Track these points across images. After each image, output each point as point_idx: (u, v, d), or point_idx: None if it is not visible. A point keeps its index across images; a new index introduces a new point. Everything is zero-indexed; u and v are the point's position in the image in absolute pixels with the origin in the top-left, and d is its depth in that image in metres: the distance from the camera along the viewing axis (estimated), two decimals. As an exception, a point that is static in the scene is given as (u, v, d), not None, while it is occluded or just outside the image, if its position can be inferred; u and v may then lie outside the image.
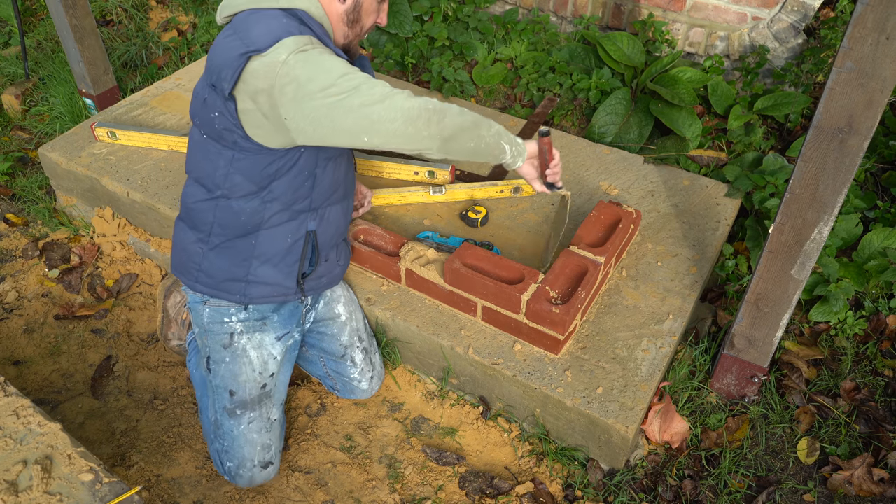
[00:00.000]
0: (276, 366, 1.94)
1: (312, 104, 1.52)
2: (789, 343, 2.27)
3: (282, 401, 1.99)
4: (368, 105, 1.52)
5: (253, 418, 1.90)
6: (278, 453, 1.96)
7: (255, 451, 1.90)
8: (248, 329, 1.91)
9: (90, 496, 1.57)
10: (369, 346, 2.15)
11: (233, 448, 1.90)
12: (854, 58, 1.47)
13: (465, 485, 2.02)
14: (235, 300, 1.87)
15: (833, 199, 1.67)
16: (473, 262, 2.07)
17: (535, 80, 3.09)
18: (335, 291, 2.10)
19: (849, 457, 2.02)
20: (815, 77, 2.93)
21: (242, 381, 1.90)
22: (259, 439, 1.90)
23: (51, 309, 2.50)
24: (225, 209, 1.78)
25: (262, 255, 1.83)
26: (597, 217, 2.21)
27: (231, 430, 1.90)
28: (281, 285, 1.88)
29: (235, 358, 1.90)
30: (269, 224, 1.80)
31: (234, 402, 1.90)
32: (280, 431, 1.97)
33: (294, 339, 2.02)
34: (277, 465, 1.96)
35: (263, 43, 1.54)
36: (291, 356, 2.02)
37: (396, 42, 3.31)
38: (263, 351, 1.92)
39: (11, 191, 2.93)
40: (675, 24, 3.11)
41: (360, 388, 2.15)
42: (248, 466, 1.90)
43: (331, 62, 1.54)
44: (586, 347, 2.04)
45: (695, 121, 2.75)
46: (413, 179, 2.54)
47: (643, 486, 1.99)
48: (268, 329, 1.93)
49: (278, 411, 1.97)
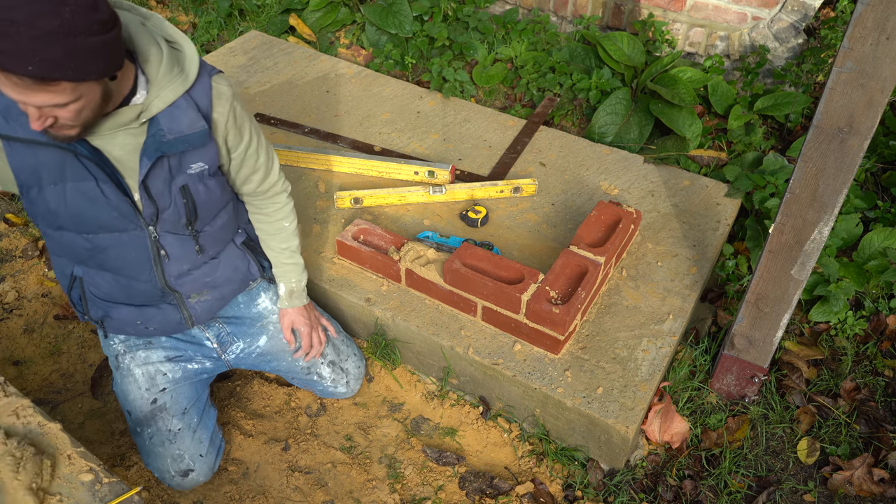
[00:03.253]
0: (167, 382, 1.89)
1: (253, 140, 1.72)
2: (789, 343, 2.27)
3: (184, 409, 1.89)
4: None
5: (151, 433, 1.87)
6: (199, 458, 1.89)
7: (166, 463, 1.88)
8: (130, 348, 1.88)
9: (90, 496, 1.57)
10: (336, 357, 2.10)
11: (149, 461, 1.90)
12: (854, 58, 1.47)
13: (465, 485, 2.02)
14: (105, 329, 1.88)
15: (833, 199, 1.67)
16: (473, 262, 2.07)
17: (535, 80, 3.09)
18: (279, 324, 2.02)
19: (849, 457, 2.02)
20: (815, 77, 2.93)
21: (132, 399, 1.87)
22: (165, 451, 1.87)
23: (51, 309, 2.50)
24: None
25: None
26: (597, 217, 2.21)
27: (141, 445, 1.90)
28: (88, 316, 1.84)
29: (123, 378, 1.89)
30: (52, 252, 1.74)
31: (132, 420, 1.89)
32: (193, 437, 1.89)
33: (202, 366, 1.95)
34: (204, 468, 1.91)
35: None
36: (196, 377, 1.95)
37: (396, 42, 3.31)
38: (149, 367, 1.88)
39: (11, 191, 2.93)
40: (676, 24, 3.11)
41: (337, 392, 2.14)
42: (167, 477, 1.89)
43: None
44: (586, 347, 2.04)
45: (695, 121, 2.75)
46: (413, 179, 2.54)
47: (643, 487, 1.99)
48: (154, 347, 1.89)
49: (180, 420, 1.88)
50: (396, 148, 2.70)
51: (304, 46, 3.27)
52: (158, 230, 1.64)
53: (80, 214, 1.55)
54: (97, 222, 1.57)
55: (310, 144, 2.71)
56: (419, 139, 2.74)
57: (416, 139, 2.74)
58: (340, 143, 2.72)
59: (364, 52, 3.39)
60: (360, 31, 3.44)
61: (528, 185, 2.48)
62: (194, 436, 1.90)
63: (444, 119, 2.84)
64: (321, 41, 3.41)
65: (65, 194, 1.51)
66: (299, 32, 3.42)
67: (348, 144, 2.71)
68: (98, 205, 1.54)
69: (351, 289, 2.22)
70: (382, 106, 2.90)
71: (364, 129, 2.79)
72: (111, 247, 1.63)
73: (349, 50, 3.41)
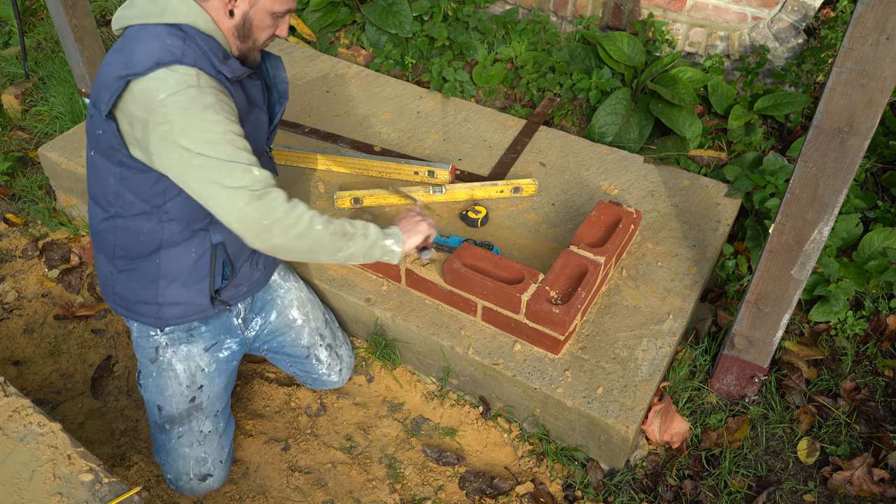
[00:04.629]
0: (204, 378, 1.90)
1: (177, 154, 1.50)
2: (789, 343, 2.27)
3: (216, 411, 1.93)
4: (218, 186, 1.50)
5: (182, 433, 1.87)
6: (219, 464, 1.92)
7: (188, 465, 1.88)
8: (174, 342, 1.87)
9: (90, 496, 1.57)
10: (333, 342, 2.15)
11: (168, 461, 1.90)
12: (854, 58, 1.47)
13: (465, 485, 2.02)
14: (152, 323, 1.83)
15: (833, 199, 1.67)
16: (473, 262, 2.07)
17: (535, 80, 3.09)
18: (286, 297, 2.06)
19: (849, 457, 2.02)
20: (815, 77, 2.93)
21: (168, 395, 1.87)
22: (191, 453, 1.88)
23: (51, 309, 2.50)
24: (123, 230, 1.71)
25: (167, 274, 1.76)
26: (597, 217, 2.21)
27: (164, 444, 1.89)
28: (194, 303, 1.81)
29: (161, 372, 1.87)
30: (170, 243, 1.72)
31: (162, 417, 1.88)
32: (219, 442, 1.92)
33: (230, 350, 1.97)
34: (221, 474, 1.93)
35: (143, 66, 1.48)
36: (227, 367, 1.96)
37: (396, 42, 3.31)
38: (191, 363, 1.88)
39: (11, 191, 2.93)
40: (676, 24, 3.11)
41: (330, 381, 2.17)
42: (184, 479, 1.89)
43: (209, 121, 1.49)
44: (586, 347, 2.04)
45: (695, 121, 2.75)
46: (413, 179, 2.54)
47: (643, 487, 1.99)
48: (195, 340, 1.89)
49: (212, 423, 1.91)
50: (396, 148, 2.70)
51: (304, 46, 3.27)
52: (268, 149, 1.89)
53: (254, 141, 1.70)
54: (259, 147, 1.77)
55: (310, 144, 2.71)
56: (419, 139, 2.74)
57: (416, 139, 2.74)
58: (340, 143, 2.72)
59: (364, 52, 3.39)
60: (360, 31, 3.44)
61: (528, 185, 2.48)
62: (220, 441, 1.93)
63: (444, 119, 2.84)
64: (321, 41, 3.41)
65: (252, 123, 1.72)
66: (299, 32, 3.42)
67: (348, 144, 2.71)
68: (261, 129, 1.78)
69: (351, 289, 2.22)
70: (382, 106, 2.90)
71: (364, 129, 2.79)
72: None
73: (349, 50, 3.41)
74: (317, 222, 1.61)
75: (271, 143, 1.92)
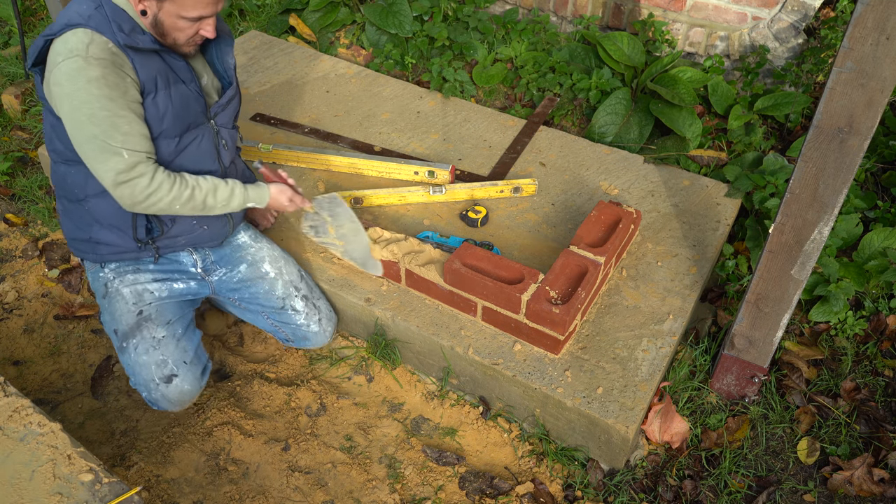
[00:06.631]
0: (152, 298, 1.99)
1: (65, 114, 1.69)
2: (789, 343, 2.27)
3: (168, 320, 1.98)
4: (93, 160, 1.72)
5: (136, 343, 1.94)
6: (182, 364, 1.96)
7: (150, 371, 1.93)
8: (120, 274, 1.99)
9: (90, 496, 1.57)
10: (309, 294, 2.18)
11: (134, 377, 1.96)
12: (854, 58, 1.47)
13: (465, 485, 2.02)
14: (92, 258, 1.98)
15: (833, 199, 1.67)
16: (473, 262, 2.07)
17: (535, 80, 3.09)
18: (257, 255, 2.15)
19: (849, 457, 2.02)
20: (815, 77, 2.93)
21: (118, 315, 1.97)
22: (150, 359, 1.93)
23: (51, 309, 2.50)
24: (62, 175, 1.89)
25: (98, 219, 1.92)
26: (597, 217, 2.21)
27: (126, 363, 1.96)
28: (121, 245, 1.95)
29: (112, 301, 1.98)
30: (95, 192, 1.86)
31: (118, 338, 1.96)
32: (177, 345, 1.96)
33: (187, 285, 2.07)
34: (189, 376, 1.96)
35: (57, 26, 1.66)
36: (181, 296, 2.05)
37: (396, 42, 3.31)
38: (137, 286, 1.98)
39: (11, 191, 2.93)
40: (675, 24, 3.11)
41: (310, 331, 2.17)
42: (151, 388, 1.94)
43: (92, 94, 1.65)
44: (586, 347, 2.04)
45: (695, 121, 2.75)
46: (413, 179, 2.54)
47: (643, 487, 1.99)
48: (142, 272, 2.00)
49: (165, 330, 1.96)
50: (396, 148, 2.70)
51: (304, 46, 3.27)
52: (217, 123, 1.97)
53: (179, 113, 1.82)
54: (188, 119, 1.86)
55: (310, 144, 2.71)
56: (419, 139, 2.74)
57: (416, 139, 2.74)
58: (340, 143, 2.72)
59: (364, 52, 3.39)
60: (360, 31, 3.44)
61: (528, 185, 2.48)
62: (178, 344, 1.97)
63: (444, 119, 2.84)
64: (321, 41, 3.41)
65: (170, 96, 1.80)
66: (299, 32, 3.42)
67: (348, 144, 2.71)
68: (190, 102, 1.85)
69: (351, 289, 2.22)
70: (382, 106, 2.90)
71: (364, 129, 2.79)
72: (192, 141, 1.89)
73: (349, 50, 3.41)
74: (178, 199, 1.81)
75: (233, 119, 2.04)
